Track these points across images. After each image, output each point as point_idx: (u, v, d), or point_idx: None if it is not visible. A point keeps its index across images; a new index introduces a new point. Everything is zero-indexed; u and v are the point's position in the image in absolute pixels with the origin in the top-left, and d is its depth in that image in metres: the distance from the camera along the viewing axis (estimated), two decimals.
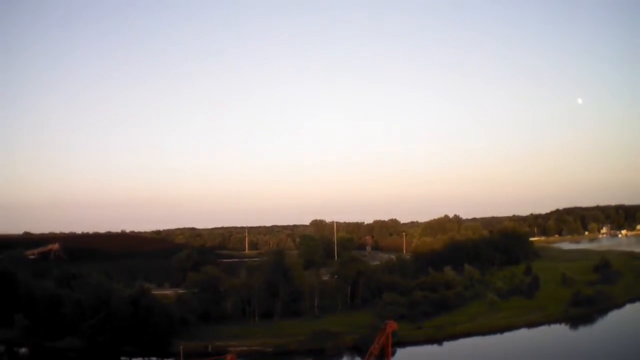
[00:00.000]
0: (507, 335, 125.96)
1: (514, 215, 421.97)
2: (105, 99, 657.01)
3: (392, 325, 77.78)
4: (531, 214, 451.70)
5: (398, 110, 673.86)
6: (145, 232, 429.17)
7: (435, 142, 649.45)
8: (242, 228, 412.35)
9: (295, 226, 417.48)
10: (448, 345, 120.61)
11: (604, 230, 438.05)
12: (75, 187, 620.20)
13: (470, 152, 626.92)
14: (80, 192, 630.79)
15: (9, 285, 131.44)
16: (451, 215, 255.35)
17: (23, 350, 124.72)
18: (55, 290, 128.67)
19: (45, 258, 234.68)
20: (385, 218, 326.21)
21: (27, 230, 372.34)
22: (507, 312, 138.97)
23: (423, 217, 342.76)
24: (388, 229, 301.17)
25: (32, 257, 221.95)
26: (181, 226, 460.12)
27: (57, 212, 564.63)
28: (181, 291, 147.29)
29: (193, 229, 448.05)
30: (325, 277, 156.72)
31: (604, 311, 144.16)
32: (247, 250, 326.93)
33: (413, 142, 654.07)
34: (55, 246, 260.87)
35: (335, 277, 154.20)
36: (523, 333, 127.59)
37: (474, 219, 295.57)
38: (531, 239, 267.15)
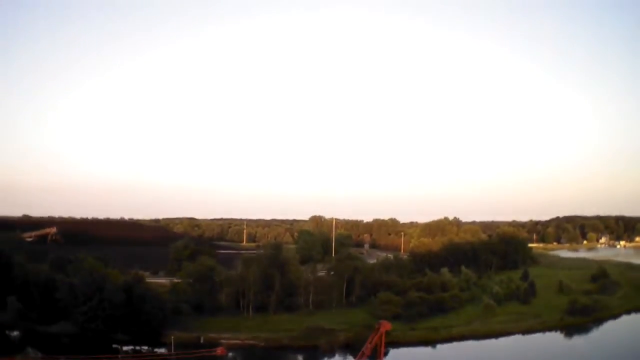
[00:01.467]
0: (502, 340, 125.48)
1: (513, 221, 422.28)
2: (108, 84, 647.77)
3: (385, 325, 77.16)
4: (531, 220, 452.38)
5: (402, 111, 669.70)
6: (144, 220, 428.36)
7: (438, 144, 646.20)
8: (241, 220, 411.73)
9: (294, 221, 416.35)
10: (441, 348, 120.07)
11: (602, 240, 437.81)
12: (76, 172, 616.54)
13: (472, 155, 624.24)
14: (80, 178, 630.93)
15: (3, 268, 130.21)
16: (451, 217, 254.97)
17: (15, 333, 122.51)
18: (50, 274, 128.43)
19: (42, 241, 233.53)
20: (385, 217, 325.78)
21: (26, 213, 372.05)
22: (502, 317, 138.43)
23: (423, 218, 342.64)
24: (387, 228, 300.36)
25: (29, 239, 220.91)
26: (180, 216, 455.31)
27: (57, 197, 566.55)
28: (176, 280, 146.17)
29: (192, 219, 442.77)
30: (322, 273, 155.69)
31: (600, 321, 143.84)
32: (245, 242, 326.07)
33: (415, 143, 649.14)
34: (53, 230, 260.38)
35: (332, 273, 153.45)
36: (517, 339, 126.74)
37: (474, 222, 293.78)
38: (530, 245, 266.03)
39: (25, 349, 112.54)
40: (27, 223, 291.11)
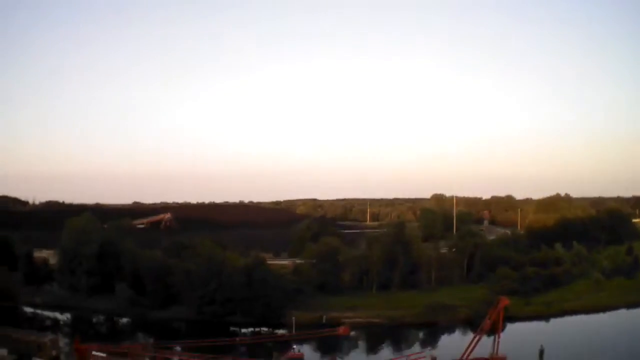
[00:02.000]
0: (609, 315, 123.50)
1: (618, 197, 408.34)
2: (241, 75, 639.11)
3: (504, 301, 76.92)
4: (634, 196, 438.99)
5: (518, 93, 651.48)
6: (265, 203, 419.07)
7: (548, 125, 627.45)
8: (364, 200, 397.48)
9: (416, 199, 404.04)
10: (554, 322, 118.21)
11: None
12: (192, 157, 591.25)
13: (580, 134, 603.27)
14: (197, 163, 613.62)
15: (112, 255, 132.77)
16: (562, 194, 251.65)
17: (124, 320, 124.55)
18: (164, 260, 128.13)
19: (155, 228, 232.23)
20: (502, 194, 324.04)
21: (137, 200, 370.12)
22: (609, 292, 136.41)
23: (537, 194, 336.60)
24: (504, 204, 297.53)
25: (140, 226, 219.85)
26: (302, 197, 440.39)
27: (170, 183, 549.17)
28: (299, 261, 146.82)
29: (314, 200, 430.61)
30: (444, 250, 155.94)
31: None
32: (368, 221, 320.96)
33: (530, 122, 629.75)
34: (167, 216, 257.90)
35: (453, 250, 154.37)
36: (622, 314, 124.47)
37: (583, 198, 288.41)
38: (634, 220, 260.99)
39: (135, 335, 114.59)
40: (139, 210, 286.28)
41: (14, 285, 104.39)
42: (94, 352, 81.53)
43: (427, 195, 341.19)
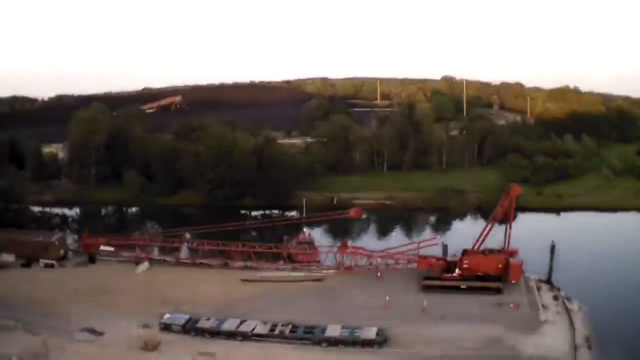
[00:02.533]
0: (620, 215, 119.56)
1: (627, 97, 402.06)
2: None
3: (515, 190, 73.02)
4: None
5: None
6: (275, 82, 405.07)
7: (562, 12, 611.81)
8: (374, 79, 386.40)
9: (425, 80, 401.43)
10: (564, 216, 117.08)
11: None
12: (197, 36, 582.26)
13: (593, 25, 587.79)
14: (202, 42, 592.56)
15: (121, 144, 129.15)
16: (571, 85, 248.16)
17: (133, 210, 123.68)
18: (173, 144, 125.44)
19: (166, 112, 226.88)
20: (510, 81, 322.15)
21: (147, 85, 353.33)
22: (619, 191, 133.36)
23: (545, 83, 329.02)
24: (513, 91, 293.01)
25: (150, 111, 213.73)
26: (312, 76, 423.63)
27: (179, 66, 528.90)
28: (309, 140, 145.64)
29: (325, 78, 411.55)
30: (454, 133, 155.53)
31: None
32: (378, 101, 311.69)
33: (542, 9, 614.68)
34: (177, 98, 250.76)
35: (464, 132, 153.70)
36: (634, 216, 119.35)
37: (591, 93, 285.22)
38: None
39: (144, 224, 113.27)
40: (148, 95, 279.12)
41: (20, 184, 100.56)
42: (101, 247, 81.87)
43: (437, 76, 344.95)
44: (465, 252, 71.76)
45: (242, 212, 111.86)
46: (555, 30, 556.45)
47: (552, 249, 74.72)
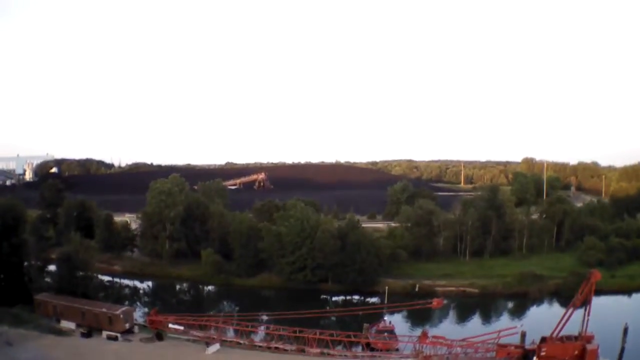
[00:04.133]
0: None
1: None
2: None
3: (596, 275, 71.07)
4: None
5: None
6: (361, 163, 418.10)
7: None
8: (458, 162, 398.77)
9: (507, 162, 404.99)
10: (636, 297, 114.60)
11: None
12: (285, 116, 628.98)
13: None
14: (287, 119, 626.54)
15: (199, 219, 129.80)
16: None
17: (209, 288, 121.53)
18: (254, 223, 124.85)
19: (249, 189, 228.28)
20: (587, 160, 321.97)
21: (230, 160, 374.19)
22: None
23: (620, 162, 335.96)
24: (590, 171, 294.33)
25: (233, 187, 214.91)
26: (398, 158, 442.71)
27: (264, 143, 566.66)
28: (394, 225, 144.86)
29: (410, 160, 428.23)
30: (534, 217, 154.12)
31: None
32: (462, 184, 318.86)
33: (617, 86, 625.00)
34: (261, 175, 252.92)
35: (544, 216, 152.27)
36: None
37: None
38: None
39: (220, 304, 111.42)
40: (231, 170, 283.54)
41: (87, 251, 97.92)
42: (170, 325, 77.54)
43: (517, 158, 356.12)
44: (543, 340, 70.82)
45: (323, 296, 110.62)
46: (631, 107, 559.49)
47: (625, 331, 75.92)
